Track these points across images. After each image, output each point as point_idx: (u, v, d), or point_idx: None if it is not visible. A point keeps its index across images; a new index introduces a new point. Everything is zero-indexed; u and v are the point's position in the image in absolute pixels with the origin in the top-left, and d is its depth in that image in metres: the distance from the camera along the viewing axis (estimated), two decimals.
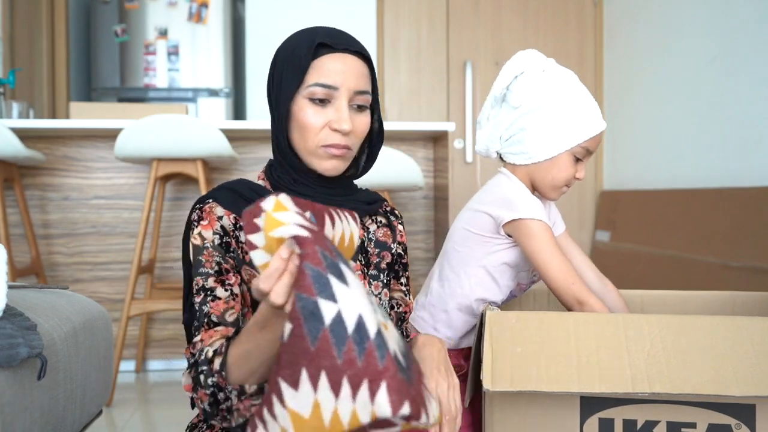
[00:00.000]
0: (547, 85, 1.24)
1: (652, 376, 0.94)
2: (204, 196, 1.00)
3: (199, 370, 0.85)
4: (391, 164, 2.51)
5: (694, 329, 0.98)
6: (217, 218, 0.97)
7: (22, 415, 0.96)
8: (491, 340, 1.01)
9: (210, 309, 0.91)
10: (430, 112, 3.86)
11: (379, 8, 3.88)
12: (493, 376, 0.97)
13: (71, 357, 1.17)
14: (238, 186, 1.00)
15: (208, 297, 0.92)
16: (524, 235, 1.22)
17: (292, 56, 0.95)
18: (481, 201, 1.30)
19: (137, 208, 2.88)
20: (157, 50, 4.08)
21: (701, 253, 2.84)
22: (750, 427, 0.95)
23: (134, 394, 2.54)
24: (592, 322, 1.01)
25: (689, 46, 3.11)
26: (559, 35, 3.92)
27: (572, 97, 1.23)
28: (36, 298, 1.21)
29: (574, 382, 0.95)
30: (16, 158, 2.48)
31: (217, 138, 2.43)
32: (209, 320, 0.91)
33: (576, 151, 1.24)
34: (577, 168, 1.25)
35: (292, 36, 0.99)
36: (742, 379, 0.92)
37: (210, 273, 0.93)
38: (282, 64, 0.96)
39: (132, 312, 2.43)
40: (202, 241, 0.95)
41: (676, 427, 0.97)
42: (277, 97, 0.97)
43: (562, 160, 1.24)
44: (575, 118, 1.22)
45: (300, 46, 0.95)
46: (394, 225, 1.10)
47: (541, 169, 1.26)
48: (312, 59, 0.94)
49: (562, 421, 1.00)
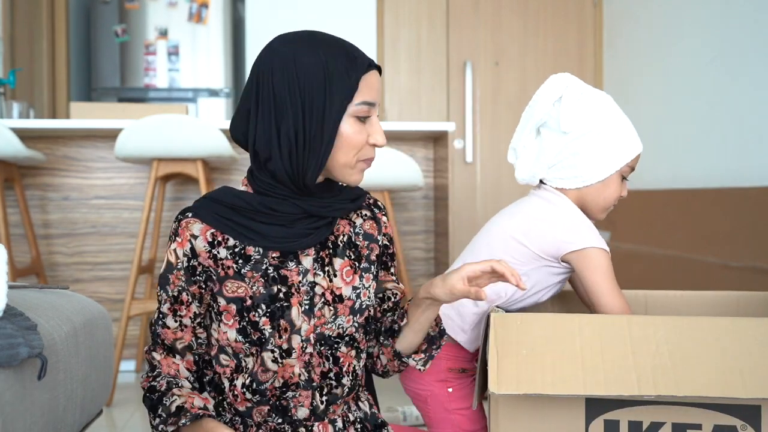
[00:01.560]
0: (592, 108, 1.26)
1: (657, 379, 0.94)
2: (187, 208, 1.01)
3: (158, 412, 0.97)
4: (391, 164, 2.51)
5: (699, 330, 0.98)
6: (190, 237, 0.98)
7: (22, 415, 0.96)
8: (496, 342, 1.01)
9: (161, 333, 1.01)
10: (430, 112, 3.85)
11: (379, 8, 3.88)
12: (499, 379, 0.97)
13: (71, 357, 1.17)
14: (221, 195, 0.99)
15: (160, 320, 1.01)
16: (587, 266, 1.21)
17: (333, 71, 0.92)
18: (540, 218, 1.27)
19: (137, 208, 2.88)
20: (157, 50, 4.07)
21: (701, 253, 2.84)
22: (755, 428, 0.95)
23: (134, 394, 2.54)
24: (597, 324, 1.01)
25: (689, 46, 3.11)
26: (559, 35, 3.92)
27: (616, 118, 1.27)
28: (36, 298, 1.21)
29: (579, 385, 0.95)
30: (17, 158, 2.48)
31: (217, 138, 2.43)
32: (163, 343, 1.02)
33: (623, 170, 1.27)
34: (623, 186, 1.29)
35: (312, 48, 0.94)
36: (748, 380, 0.91)
37: (168, 297, 1.00)
38: (317, 77, 0.92)
39: (132, 312, 2.43)
40: (176, 260, 0.99)
41: (682, 429, 0.97)
42: (318, 113, 0.93)
43: (613, 180, 1.27)
44: (622, 139, 1.26)
45: (337, 61, 0.93)
46: (378, 217, 1.10)
47: (592, 192, 1.27)
48: (361, 76, 0.94)
49: (568, 422, 0.99)
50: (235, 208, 0.98)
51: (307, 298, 0.99)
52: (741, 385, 0.91)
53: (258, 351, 0.98)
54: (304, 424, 1.00)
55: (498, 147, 3.83)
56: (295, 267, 0.99)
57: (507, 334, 1.01)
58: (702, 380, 0.92)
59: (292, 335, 0.99)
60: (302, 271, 0.99)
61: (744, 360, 0.93)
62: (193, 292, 1.00)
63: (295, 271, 0.99)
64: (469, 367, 1.32)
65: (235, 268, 0.98)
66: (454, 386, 1.31)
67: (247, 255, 0.98)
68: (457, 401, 1.30)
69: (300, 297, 0.99)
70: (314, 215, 0.98)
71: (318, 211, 0.98)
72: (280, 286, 0.98)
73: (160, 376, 1.00)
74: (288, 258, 0.99)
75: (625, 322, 1.00)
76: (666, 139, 3.28)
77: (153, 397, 0.98)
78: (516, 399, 1.01)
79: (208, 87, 4.11)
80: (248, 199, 0.97)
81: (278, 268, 0.98)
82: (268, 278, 0.98)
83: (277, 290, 0.98)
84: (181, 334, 1.01)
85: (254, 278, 0.97)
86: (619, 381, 0.94)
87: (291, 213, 0.97)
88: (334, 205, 1.00)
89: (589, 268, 1.21)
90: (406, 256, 3.06)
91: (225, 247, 0.98)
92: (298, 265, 0.99)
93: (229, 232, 0.97)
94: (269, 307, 0.98)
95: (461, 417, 1.30)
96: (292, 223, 0.97)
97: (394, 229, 2.67)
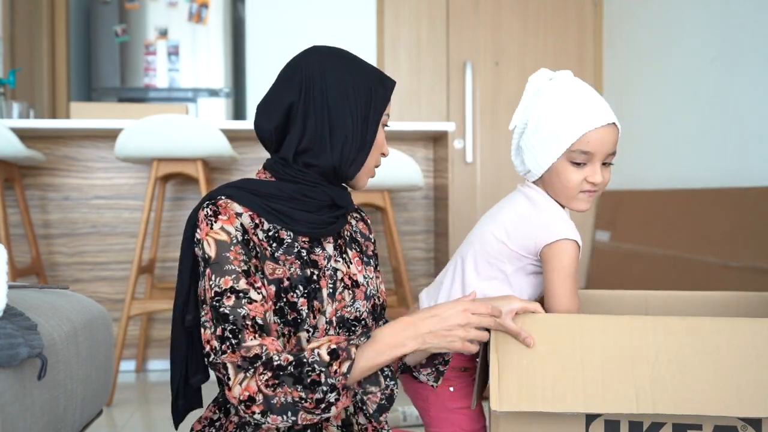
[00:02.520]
0: (535, 102, 1.21)
1: (656, 395, 0.94)
2: (212, 193, 1.01)
3: (308, 368, 0.88)
4: (391, 164, 2.51)
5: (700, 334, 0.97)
6: (236, 214, 0.99)
7: (23, 415, 0.96)
8: (497, 349, 1.01)
9: (249, 311, 0.92)
10: (430, 112, 3.85)
11: (379, 8, 3.88)
12: (500, 395, 0.97)
13: (71, 357, 1.17)
14: (247, 184, 1.03)
15: (242, 299, 0.92)
16: (552, 257, 1.17)
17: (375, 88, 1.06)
18: (518, 215, 1.24)
19: (137, 208, 2.88)
20: (157, 50, 4.07)
21: (701, 253, 2.84)
22: (756, 428, 0.95)
23: (134, 394, 2.54)
24: (598, 329, 1.00)
25: (689, 46, 3.11)
26: (559, 35, 3.92)
27: (554, 106, 1.18)
28: (36, 298, 1.21)
29: (579, 402, 0.95)
30: (17, 158, 2.48)
31: (217, 138, 2.43)
32: (255, 323, 0.92)
33: (571, 156, 1.17)
34: (585, 172, 1.18)
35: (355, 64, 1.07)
36: (745, 396, 0.92)
37: (239, 272, 0.94)
38: (365, 91, 1.05)
39: (132, 312, 2.43)
40: (229, 237, 0.96)
41: (682, 429, 0.97)
42: (362, 122, 1.05)
43: (559, 168, 1.19)
44: (558, 126, 1.17)
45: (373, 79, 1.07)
46: (365, 219, 1.21)
47: (549, 183, 1.22)
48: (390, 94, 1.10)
49: (569, 423, 0.99)
50: (265, 194, 1.02)
51: (331, 282, 1.05)
52: (738, 402, 0.92)
53: (290, 332, 1.00)
54: None
55: (498, 147, 3.83)
56: (321, 252, 1.06)
57: (507, 339, 1.02)
58: (700, 397, 0.93)
59: (319, 317, 1.02)
60: (327, 256, 1.06)
61: (743, 373, 0.93)
62: (255, 265, 0.97)
63: (322, 256, 1.06)
64: (470, 366, 1.32)
65: (270, 251, 1.00)
66: (456, 385, 1.31)
67: (281, 238, 1.02)
68: (458, 400, 1.30)
69: (326, 281, 1.04)
70: (336, 204, 1.06)
71: (340, 200, 1.06)
72: (313, 269, 1.03)
73: (274, 353, 0.90)
74: (314, 244, 1.06)
75: (626, 326, 1.00)
76: (666, 139, 3.28)
77: (290, 371, 0.88)
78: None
79: (208, 87, 4.11)
80: (280, 186, 1.03)
81: (309, 252, 1.04)
82: (302, 261, 1.02)
83: (310, 273, 1.02)
84: (266, 306, 0.95)
85: (289, 260, 1.01)
86: (618, 398, 0.95)
87: (320, 200, 1.04)
88: (348, 198, 1.10)
89: (554, 260, 1.17)
90: (406, 256, 3.06)
91: (261, 229, 1.01)
92: (323, 251, 1.06)
93: (265, 216, 1.01)
94: (306, 289, 1.01)
95: (462, 416, 1.30)
96: (319, 210, 1.05)
97: (394, 229, 2.67)
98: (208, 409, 1.08)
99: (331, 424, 1.04)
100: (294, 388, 0.88)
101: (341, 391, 0.90)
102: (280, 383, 0.88)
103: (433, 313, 0.95)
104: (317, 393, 0.88)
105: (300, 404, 0.88)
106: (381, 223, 2.98)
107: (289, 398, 0.88)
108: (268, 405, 0.88)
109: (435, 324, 0.94)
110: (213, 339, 0.92)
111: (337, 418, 1.05)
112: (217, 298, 0.93)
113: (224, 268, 0.94)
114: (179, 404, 1.06)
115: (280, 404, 0.88)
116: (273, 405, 0.88)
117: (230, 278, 0.93)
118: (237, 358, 0.90)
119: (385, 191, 2.63)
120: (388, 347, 0.93)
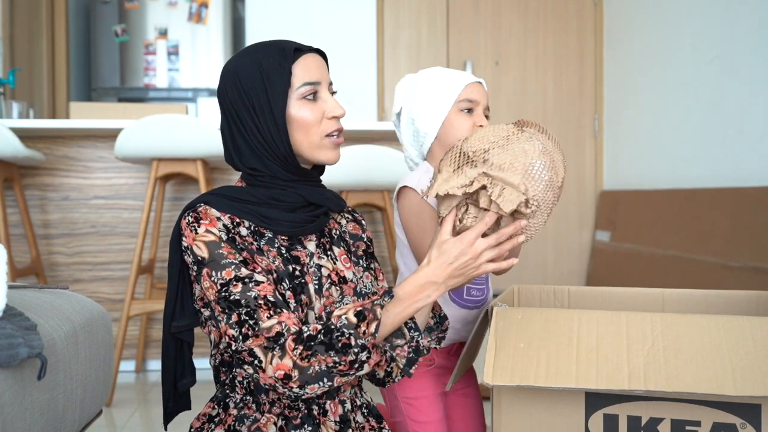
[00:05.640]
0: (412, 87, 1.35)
1: (648, 374, 0.95)
2: (191, 202, 1.03)
3: (338, 333, 0.90)
4: (390, 164, 2.51)
5: (697, 328, 0.98)
6: (216, 218, 1.00)
7: (22, 415, 0.96)
8: (496, 335, 1.03)
9: (259, 292, 0.93)
10: None
11: (379, 8, 3.88)
12: (494, 371, 0.99)
13: (71, 357, 1.17)
14: (223, 191, 1.05)
15: (249, 283, 0.94)
16: (401, 205, 1.30)
17: (267, 68, 1.01)
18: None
19: (137, 208, 2.87)
20: (157, 50, 4.07)
21: (701, 253, 2.84)
22: (755, 426, 0.95)
23: (134, 394, 2.54)
24: (596, 320, 1.03)
25: (689, 46, 3.11)
26: (559, 35, 3.92)
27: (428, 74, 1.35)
28: (36, 298, 1.21)
29: (572, 379, 0.97)
30: (16, 158, 2.48)
31: (217, 138, 2.43)
32: (267, 301, 0.93)
33: (458, 106, 1.31)
34: (474, 118, 1.31)
35: (248, 56, 1.04)
36: (740, 378, 0.92)
37: (236, 263, 0.95)
38: (255, 79, 1.02)
39: (132, 312, 2.43)
40: (215, 237, 0.98)
41: (681, 425, 0.97)
42: (266, 108, 1.02)
43: (452, 119, 1.31)
44: (441, 85, 1.32)
45: (269, 58, 1.02)
46: (359, 219, 1.21)
47: (444, 140, 1.31)
48: (292, 64, 1.02)
49: (568, 416, 1.01)
50: (241, 200, 1.03)
51: (316, 278, 1.05)
52: (732, 383, 0.92)
53: None
54: (317, 402, 1.03)
55: None
56: (302, 250, 1.06)
57: (507, 327, 1.04)
58: (693, 377, 0.93)
59: (308, 311, 1.02)
60: (309, 254, 1.06)
61: (739, 358, 0.94)
62: (247, 258, 0.98)
63: (304, 254, 1.06)
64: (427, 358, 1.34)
65: (256, 245, 1.01)
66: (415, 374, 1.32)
67: (261, 233, 1.03)
68: (404, 389, 1.32)
69: (311, 277, 1.04)
70: (312, 203, 1.06)
71: (315, 198, 1.06)
72: (295, 265, 1.03)
73: (300, 326, 0.93)
74: (294, 241, 1.06)
75: (624, 318, 1.02)
76: (666, 139, 3.28)
77: (320, 339, 0.91)
78: (517, 393, 1.03)
79: (207, 87, 4.11)
80: (252, 192, 1.04)
81: (289, 250, 1.04)
82: (283, 258, 1.03)
83: (292, 269, 1.03)
84: (273, 285, 0.97)
85: (272, 253, 1.02)
86: (611, 375, 0.96)
87: (293, 202, 1.04)
88: (326, 194, 1.09)
89: (404, 207, 1.30)
90: None
91: (243, 227, 1.02)
92: (304, 249, 1.06)
93: (245, 216, 1.02)
94: (290, 283, 1.01)
95: (408, 406, 1.32)
96: (295, 210, 1.05)
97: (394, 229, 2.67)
98: (206, 406, 1.09)
99: (329, 419, 1.04)
100: (327, 354, 0.90)
101: (371, 350, 0.92)
102: (313, 353, 0.90)
103: (443, 260, 0.95)
104: (350, 355, 0.91)
105: (334, 368, 0.91)
106: (381, 223, 2.98)
107: (323, 366, 0.90)
108: (304, 377, 0.90)
109: (451, 270, 0.95)
110: (229, 328, 0.93)
111: (335, 414, 1.05)
112: (223, 290, 0.94)
113: (221, 262, 0.95)
114: (169, 406, 1.10)
115: (316, 373, 0.90)
116: (309, 375, 0.90)
117: (231, 269, 0.95)
118: (261, 340, 0.91)
119: (385, 191, 2.63)
120: (413, 301, 0.95)
